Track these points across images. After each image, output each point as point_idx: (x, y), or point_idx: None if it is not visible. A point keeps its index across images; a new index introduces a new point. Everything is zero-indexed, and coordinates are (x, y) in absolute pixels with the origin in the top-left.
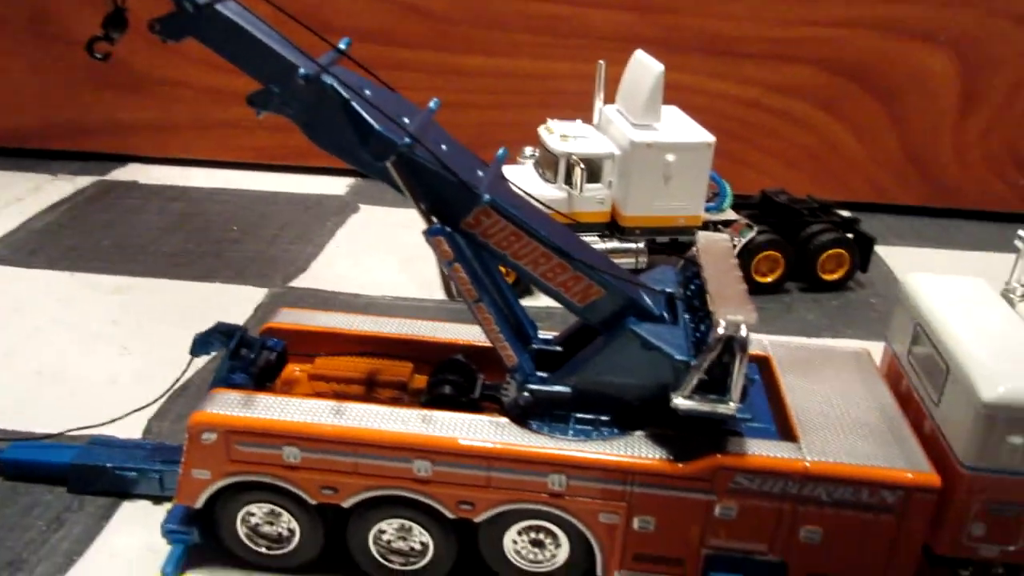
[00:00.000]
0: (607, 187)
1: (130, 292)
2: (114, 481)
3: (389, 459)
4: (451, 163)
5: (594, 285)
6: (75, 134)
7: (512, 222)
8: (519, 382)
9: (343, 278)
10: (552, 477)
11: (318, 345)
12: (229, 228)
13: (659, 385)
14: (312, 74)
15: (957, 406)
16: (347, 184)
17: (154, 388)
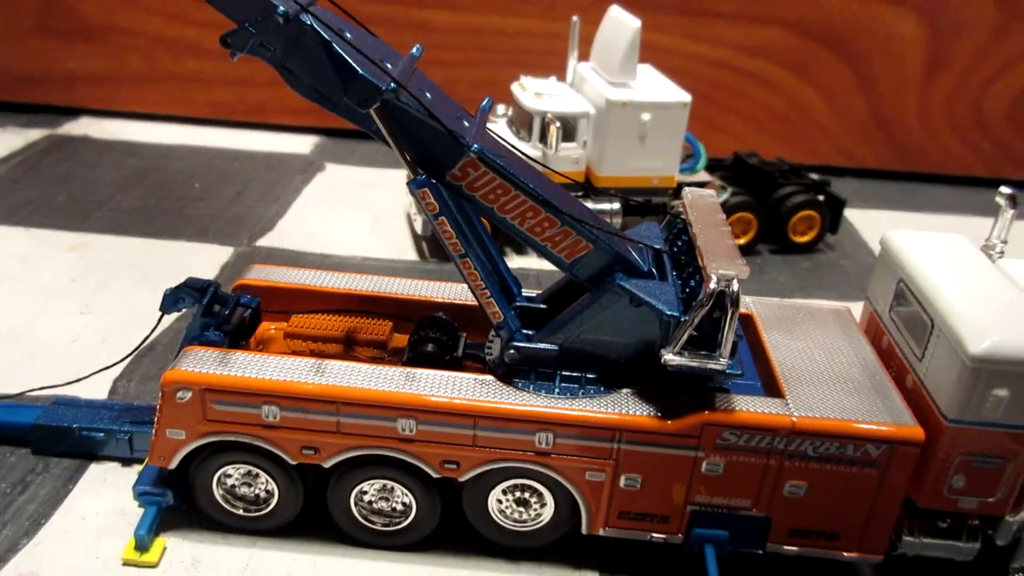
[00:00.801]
0: (582, 146)
1: (89, 249)
2: (81, 442)
3: (372, 418)
4: (437, 112)
5: (582, 240)
6: (22, 84)
7: (499, 174)
8: (505, 339)
9: (311, 237)
10: (539, 435)
11: (293, 302)
12: (190, 185)
13: (647, 342)
14: (291, 12)
15: (942, 360)
16: (312, 142)
17: (118, 347)
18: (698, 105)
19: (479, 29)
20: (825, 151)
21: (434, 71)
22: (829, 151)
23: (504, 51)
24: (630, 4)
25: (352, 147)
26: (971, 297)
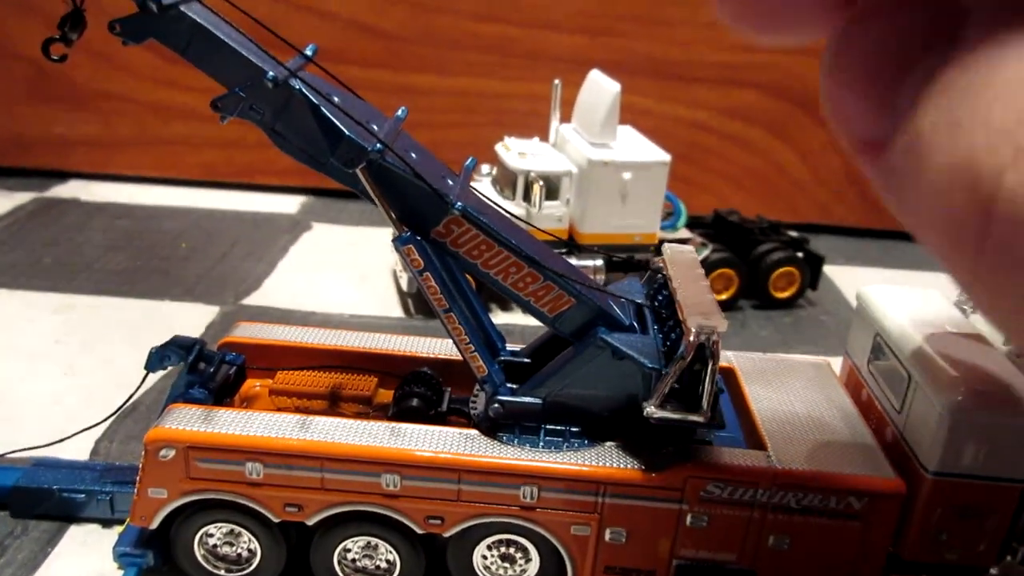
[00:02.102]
0: (565, 204)
1: (74, 311)
2: (61, 504)
3: (357, 473)
4: (422, 171)
5: (564, 295)
6: (13, 149)
7: (483, 231)
8: (489, 394)
9: (297, 296)
10: (524, 489)
11: (278, 359)
12: (177, 246)
13: (630, 395)
14: (280, 77)
15: (920, 413)
16: (299, 202)
17: (101, 409)
18: (679, 165)
19: (464, 92)
20: (804, 209)
21: (420, 133)
22: (808, 209)
23: (488, 113)
24: (610, 68)
25: (339, 207)
26: (946, 351)
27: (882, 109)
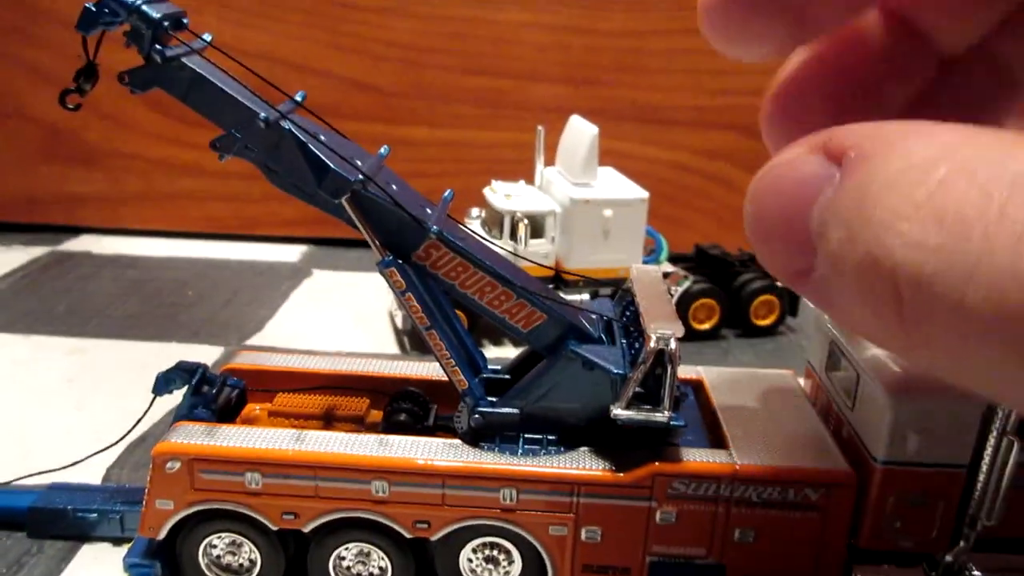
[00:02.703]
0: (550, 242)
1: (85, 353)
2: (74, 524)
3: (348, 481)
4: (401, 200)
5: (536, 311)
6: (28, 206)
7: (459, 254)
8: (470, 406)
9: (298, 336)
10: (503, 492)
11: (277, 384)
12: (183, 293)
13: (600, 403)
14: (271, 119)
15: (868, 407)
16: (300, 251)
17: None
18: (662, 204)
19: (454, 142)
20: None
21: (413, 182)
22: None
23: (478, 161)
24: (593, 115)
25: (338, 254)
26: None
27: (799, 246)
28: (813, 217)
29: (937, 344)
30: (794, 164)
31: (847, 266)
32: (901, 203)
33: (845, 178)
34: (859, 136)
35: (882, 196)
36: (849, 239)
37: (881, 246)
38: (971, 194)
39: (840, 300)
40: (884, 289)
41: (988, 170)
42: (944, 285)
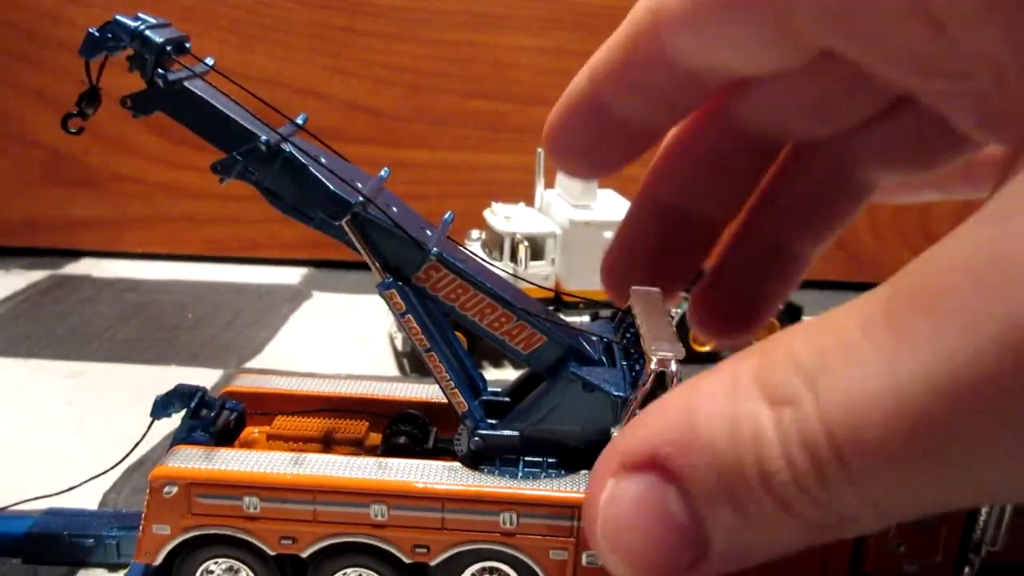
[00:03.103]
0: (550, 264)
1: (84, 376)
2: (70, 550)
3: (347, 505)
4: (402, 222)
5: (537, 333)
6: (29, 230)
7: (459, 275)
8: (470, 428)
9: (298, 358)
10: (503, 515)
11: (276, 407)
12: (183, 316)
13: (601, 425)
14: (272, 142)
15: None
16: (300, 273)
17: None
18: None
19: (456, 165)
20: None
21: (414, 205)
22: None
23: (479, 184)
24: None
25: (338, 276)
26: None
27: (686, 548)
28: (673, 528)
29: None
30: (625, 501)
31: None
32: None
33: (671, 481)
34: (650, 441)
35: (716, 470)
36: (726, 516)
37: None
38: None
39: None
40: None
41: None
42: None
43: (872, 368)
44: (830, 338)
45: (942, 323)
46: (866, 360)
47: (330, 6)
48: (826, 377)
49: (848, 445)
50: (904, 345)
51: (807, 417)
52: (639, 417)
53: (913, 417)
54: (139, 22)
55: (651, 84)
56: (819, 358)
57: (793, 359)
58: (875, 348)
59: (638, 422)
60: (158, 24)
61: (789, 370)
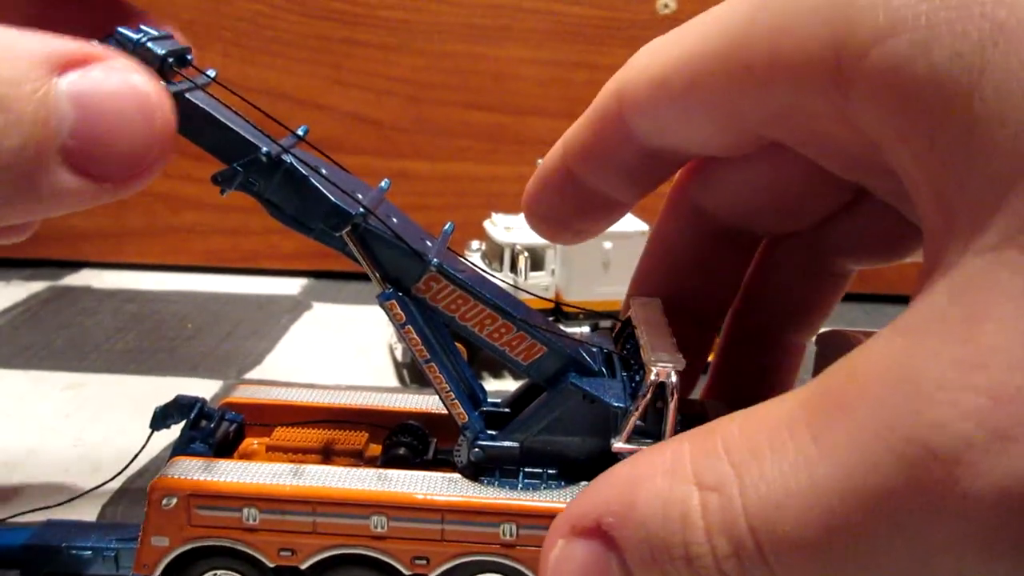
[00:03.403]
0: (550, 275)
1: (83, 388)
2: (69, 562)
3: (346, 516)
4: (402, 233)
5: (537, 344)
6: (29, 242)
7: (459, 286)
8: (470, 439)
9: (297, 369)
10: (503, 527)
11: (276, 418)
12: (183, 326)
13: (601, 437)
14: (273, 153)
15: None
16: (301, 284)
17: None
18: None
19: (455, 176)
20: None
21: (415, 215)
22: None
23: (479, 195)
24: None
25: (338, 287)
26: None
27: None
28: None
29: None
30: (574, 562)
31: None
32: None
33: (612, 549)
34: (597, 510)
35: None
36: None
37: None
38: None
39: None
40: None
41: None
42: None
43: (792, 467)
44: (760, 431)
45: (853, 432)
46: (788, 458)
47: (331, 18)
48: (752, 470)
49: (766, 537)
50: (822, 450)
51: (732, 506)
52: (592, 484)
53: (826, 517)
54: (141, 34)
55: (618, 160)
56: (748, 449)
57: (726, 447)
58: (796, 447)
59: (590, 489)
60: (160, 36)
61: (721, 458)
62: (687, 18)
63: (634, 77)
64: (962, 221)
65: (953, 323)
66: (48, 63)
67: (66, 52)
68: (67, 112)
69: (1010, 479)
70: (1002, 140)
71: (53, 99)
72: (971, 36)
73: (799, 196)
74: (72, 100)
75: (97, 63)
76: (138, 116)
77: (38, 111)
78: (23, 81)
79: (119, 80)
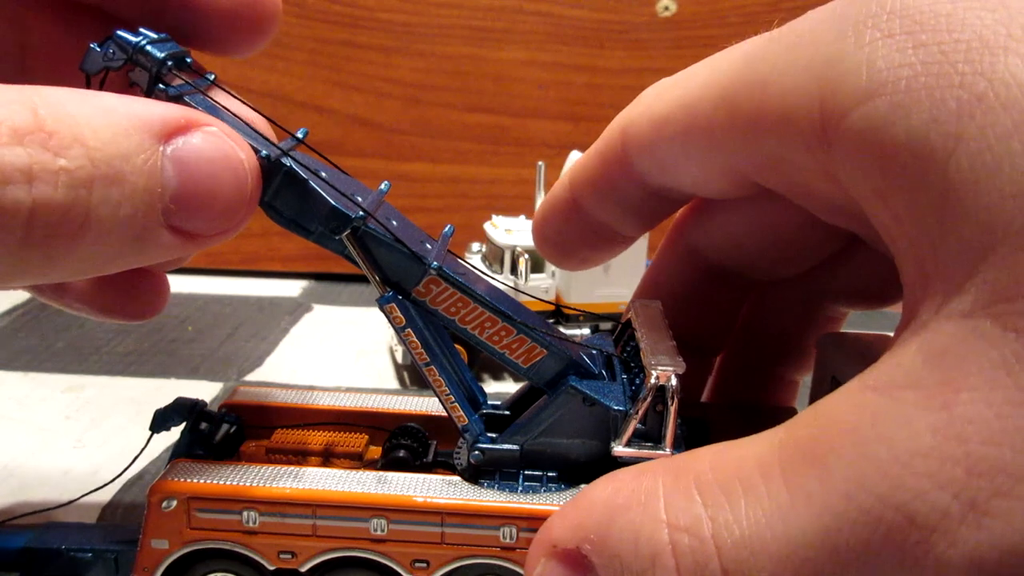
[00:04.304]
0: (551, 277)
1: (84, 390)
2: (68, 564)
3: (347, 519)
4: (402, 236)
5: (537, 347)
6: None
7: (459, 289)
8: (470, 442)
9: (297, 372)
10: (503, 530)
11: (275, 420)
12: (183, 329)
13: (601, 439)
14: (273, 156)
15: None
16: (301, 286)
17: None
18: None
19: (456, 178)
20: None
21: (415, 217)
22: None
23: (480, 197)
24: None
25: (338, 289)
26: None
27: None
28: None
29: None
30: None
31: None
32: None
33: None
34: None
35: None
36: None
37: None
38: None
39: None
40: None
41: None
42: None
43: (767, 514)
44: (733, 472)
45: (828, 485)
46: (762, 504)
47: (331, 20)
48: (725, 513)
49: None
50: (795, 499)
51: (704, 549)
52: (574, 501)
53: (800, 568)
54: (140, 37)
55: (621, 195)
56: (721, 490)
57: (699, 487)
58: (769, 493)
59: (572, 507)
60: (159, 39)
61: (694, 499)
62: (686, 21)
63: (638, 116)
64: (935, 283)
65: (929, 388)
66: (155, 132)
67: (171, 120)
68: (171, 178)
69: (983, 549)
70: (974, 210)
71: (160, 168)
72: (949, 104)
73: (793, 241)
74: (175, 166)
75: (196, 129)
76: (231, 180)
77: (148, 182)
78: (136, 153)
79: (216, 147)
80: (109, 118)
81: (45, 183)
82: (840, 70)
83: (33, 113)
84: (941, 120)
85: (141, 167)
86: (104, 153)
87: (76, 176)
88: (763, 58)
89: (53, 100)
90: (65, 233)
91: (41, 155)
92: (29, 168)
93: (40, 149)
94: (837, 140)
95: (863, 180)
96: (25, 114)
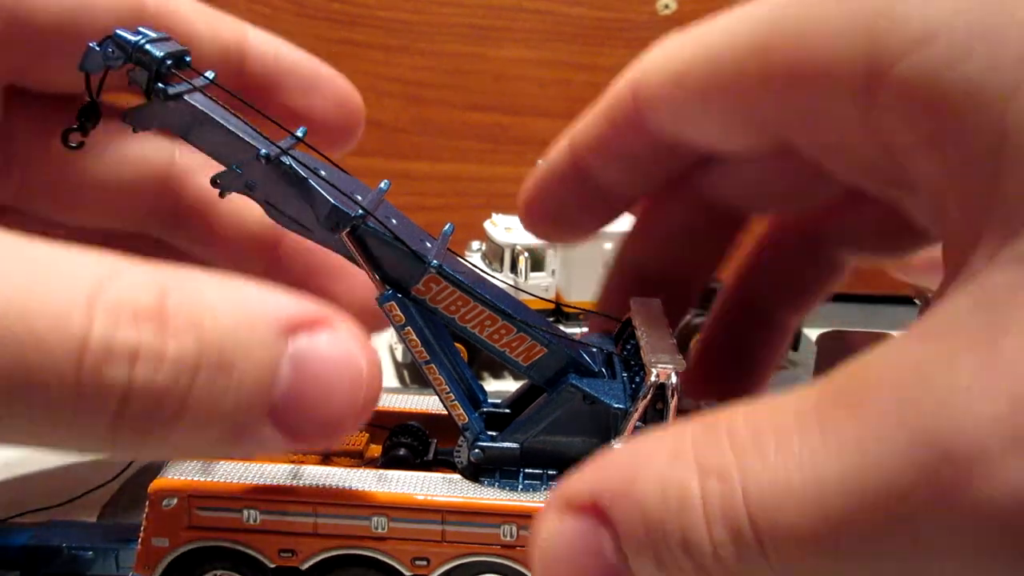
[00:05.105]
0: (551, 275)
1: None
2: (69, 562)
3: (347, 517)
4: (401, 234)
5: (537, 345)
6: None
7: (459, 288)
8: (470, 441)
9: None
10: (504, 528)
11: None
12: None
13: (602, 437)
14: (272, 155)
15: None
16: None
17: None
18: None
19: (455, 176)
20: None
21: (415, 216)
22: None
23: (480, 195)
24: None
25: None
26: None
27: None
28: None
29: None
30: (565, 536)
31: None
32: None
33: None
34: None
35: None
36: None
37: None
38: None
39: None
40: None
41: None
42: None
43: (798, 460)
44: (767, 422)
45: (863, 430)
46: (794, 451)
47: (330, 19)
48: (755, 460)
49: (767, 528)
50: (829, 445)
51: (733, 494)
52: (591, 462)
53: (829, 513)
54: (140, 36)
55: (629, 154)
56: (754, 439)
57: (730, 435)
58: (802, 440)
59: (588, 466)
60: (159, 38)
61: (724, 444)
62: (687, 19)
63: (651, 71)
64: (989, 231)
65: (974, 330)
66: (282, 328)
67: (301, 316)
68: (285, 375)
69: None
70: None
71: (277, 364)
72: (1008, 49)
73: (802, 187)
74: (293, 364)
75: (324, 328)
76: (347, 387)
77: (261, 375)
78: (256, 347)
79: (340, 350)
80: (236, 306)
81: (147, 364)
82: (892, 17)
83: (158, 296)
84: (999, 67)
85: (257, 361)
86: (219, 341)
87: (181, 361)
88: (798, 11)
89: (189, 285)
90: (160, 417)
91: (151, 337)
92: (136, 349)
93: (152, 332)
94: (885, 88)
95: (910, 130)
96: (149, 297)
